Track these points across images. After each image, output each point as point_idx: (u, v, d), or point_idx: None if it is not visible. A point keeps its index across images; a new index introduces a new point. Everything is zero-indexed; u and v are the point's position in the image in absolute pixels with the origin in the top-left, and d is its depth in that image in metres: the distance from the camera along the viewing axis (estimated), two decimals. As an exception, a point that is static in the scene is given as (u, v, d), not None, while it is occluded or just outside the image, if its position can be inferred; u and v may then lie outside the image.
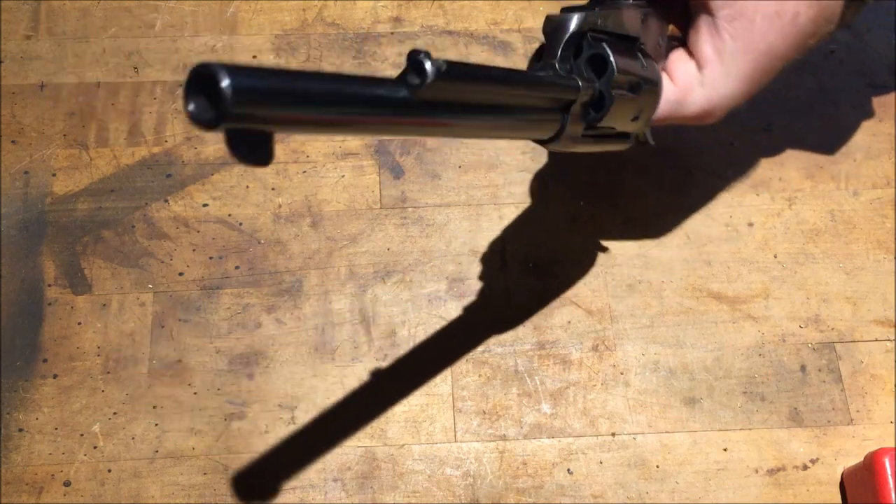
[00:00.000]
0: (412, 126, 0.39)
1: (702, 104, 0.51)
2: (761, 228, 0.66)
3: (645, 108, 0.50)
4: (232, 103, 0.30)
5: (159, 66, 0.69)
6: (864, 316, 0.63)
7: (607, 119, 0.47)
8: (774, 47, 0.49)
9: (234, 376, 0.60)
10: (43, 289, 0.61)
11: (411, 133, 0.41)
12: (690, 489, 0.58)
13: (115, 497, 0.56)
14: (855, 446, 0.59)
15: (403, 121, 0.38)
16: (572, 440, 0.59)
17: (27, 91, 0.67)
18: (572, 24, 0.47)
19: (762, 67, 0.50)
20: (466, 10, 0.72)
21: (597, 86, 0.46)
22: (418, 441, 0.58)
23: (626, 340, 0.62)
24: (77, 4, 0.71)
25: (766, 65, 0.50)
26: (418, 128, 0.40)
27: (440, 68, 0.37)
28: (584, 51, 0.47)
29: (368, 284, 0.63)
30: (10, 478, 0.56)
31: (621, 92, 0.47)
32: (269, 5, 0.72)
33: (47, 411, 0.58)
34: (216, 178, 0.65)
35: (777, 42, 0.49)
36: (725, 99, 0.51)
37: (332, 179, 0.66)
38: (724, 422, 0.60)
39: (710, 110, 0.51)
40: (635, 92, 0.48)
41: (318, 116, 0.34)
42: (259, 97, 0.31)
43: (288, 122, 0.33)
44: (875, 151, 0.69)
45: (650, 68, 0.49)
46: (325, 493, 0.57)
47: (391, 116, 0.38)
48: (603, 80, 0.46)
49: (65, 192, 0.64)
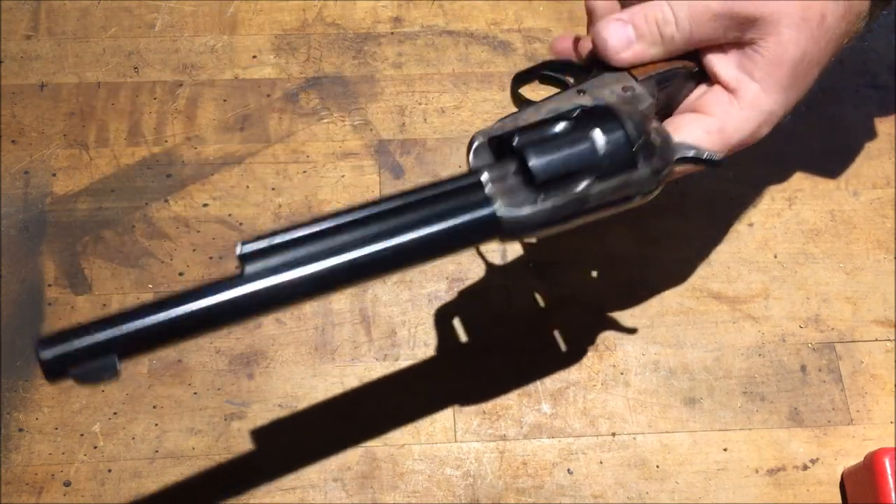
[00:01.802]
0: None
1: (745, 126, 0.49)
2: (761, 228, 0.66)
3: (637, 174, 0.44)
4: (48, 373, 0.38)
5: (159, 66, 0.69)
6: (864, 316, 0.63)
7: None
8: (808, 53, 0.48)
9: (234, 376, 0.60)
10: (43, 289, 0.61)
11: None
12: (690, 489, 0.58)
13: (115, 497, 0.56)
14: (855, 446, 0.59)
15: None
16: (572, 440, 0.59)
17: (27, 91, 0.67)
18: (476, 142, 0.45)
19: (799, 75, 0.48)
20: (466, 10, 0.72)
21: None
22: (418, 441, 0.59)
23: (626, 340, 0.62)
24: (77, 4, 0.71)
25: (802, 72, 0.48)
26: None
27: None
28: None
29: (368, 284, 0.63)
30: (10, 478, 0.56)
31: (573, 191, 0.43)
32: (269, 5, 0.72)
33: (47, 411, 0.58)
34: (216, 178, 0.65)
35: (809, 47, 0.48)
36: (768, 115, 0.49)
37: (332, 179, 0.66)
38: (724, 422, 0.60)
39: (756, 130, 0.49)
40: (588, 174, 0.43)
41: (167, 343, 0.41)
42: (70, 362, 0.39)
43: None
44: (875, 151, 0.69)
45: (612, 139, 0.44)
46: (325, 493, 0.57)
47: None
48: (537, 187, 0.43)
49: (65, 192, 0.64)
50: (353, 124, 0.68)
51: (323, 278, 0.40)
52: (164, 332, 0.40)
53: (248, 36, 0.71)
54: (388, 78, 0.70)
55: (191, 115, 0.67)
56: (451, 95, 0.69)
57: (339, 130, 0.68)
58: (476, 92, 0.69)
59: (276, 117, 0.68)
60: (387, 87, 0.69)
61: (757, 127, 0.49)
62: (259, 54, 0.70)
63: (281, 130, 0.67)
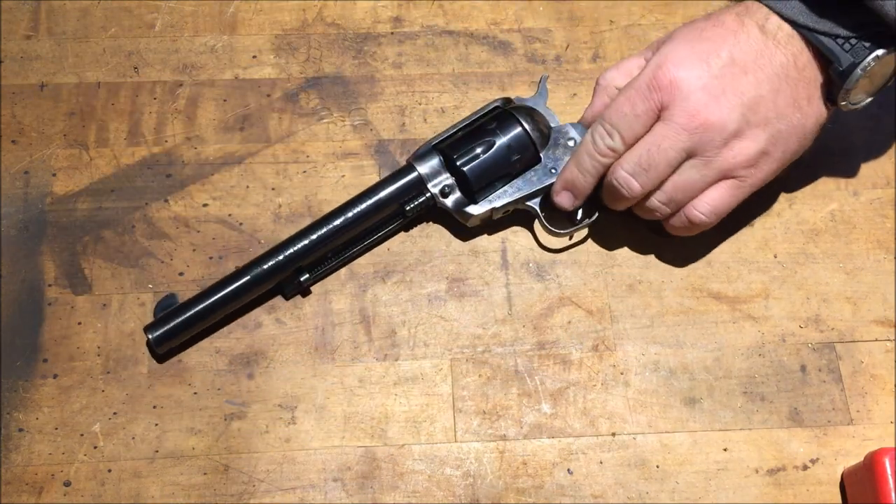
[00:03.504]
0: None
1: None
2: (761, 228, 0.66)
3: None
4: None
5: (159, 66, 0.69)
6: (864, 316, 0.63)
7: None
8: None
9: (234, 376, 0.60)
10: (43, 289, 0.61)
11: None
12: (690, 489, 0.58)
13: (115, 497, 0.56)
14: (855, 446, 0.59)
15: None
16: (572, 440, 0.59)
17: (27, 91, 0.67)
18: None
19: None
20: (466, 10, 0.72)
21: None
22: (418, 441, 0.58)
23: (626, 340, 0.62)
24: (77, 4, 0.71)
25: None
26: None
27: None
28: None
29: (368, 284, 0.63)
30: (10, 478, 0.56)
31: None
32: (269, 5, 0.72)
33: (47, 411, 0.58)
34: (216, 178, 0.65)
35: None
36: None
37: (332, 179, 0.66)
38: (724, 422, 0.60)
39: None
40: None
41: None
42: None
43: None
44: (875, 151, 0.69)
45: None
46: (325, 493, 0.57)
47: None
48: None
49: (65, 192, 0.64)
50: (353, 124, 0.68)
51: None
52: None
53: (248, 36, 0.71)
54: (388, 78, 0.70)
55: (191, 115, 0.67)
56: (451, 95, 0.69)
57: (339, 130, 0.68)
58: (476, 92, 0.69)
59: (276, 117, 0.68)
60: (387, 87, 0.69)
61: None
62: (259, 54, 0.70)
63: (281, 130, 0.67)
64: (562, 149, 0.62)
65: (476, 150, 0.61)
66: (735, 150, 0.55)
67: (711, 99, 0.54)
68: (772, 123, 0.55)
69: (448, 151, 0.61)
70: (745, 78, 0.54)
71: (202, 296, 0.59)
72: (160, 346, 0.58)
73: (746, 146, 0.55)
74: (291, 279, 0.60)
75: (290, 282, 0.60)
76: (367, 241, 0.63)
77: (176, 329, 0.58)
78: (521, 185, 0.62)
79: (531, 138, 0.61)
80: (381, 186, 0.61)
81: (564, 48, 0.71)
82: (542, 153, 0.62)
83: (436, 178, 0.62)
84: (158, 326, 0.58)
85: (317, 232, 0.60)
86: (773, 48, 0.55)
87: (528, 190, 0.62)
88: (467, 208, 0.62)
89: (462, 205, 0.62)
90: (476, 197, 0.61)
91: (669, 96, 0.55)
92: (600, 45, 0.71)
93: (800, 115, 0.56)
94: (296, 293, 0.62)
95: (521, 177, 0.62)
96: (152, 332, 0.58)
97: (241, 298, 0.59)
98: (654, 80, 0.55)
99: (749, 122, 0.55)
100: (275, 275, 0.59)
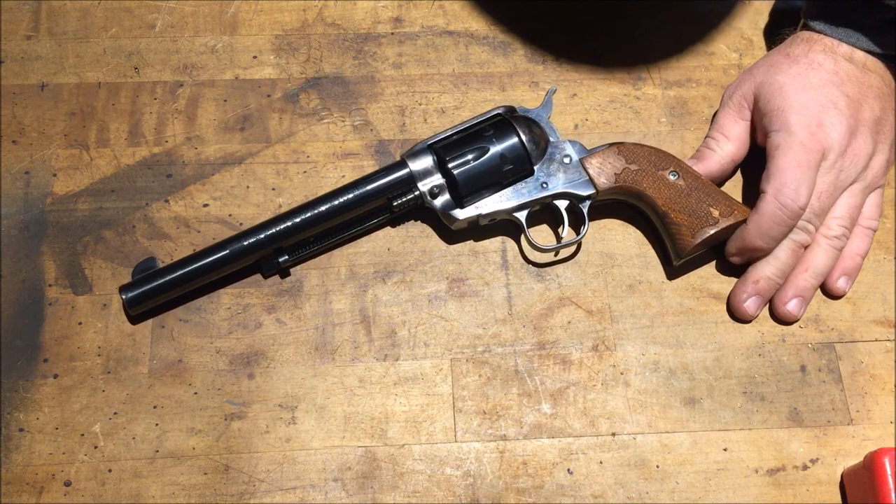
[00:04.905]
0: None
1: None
2: (761, 228, 0.66)
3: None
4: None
5: (159, 66, 0.69)
6: (864, 316, 0.63)
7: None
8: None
9: (235, 376, 0.60)
10: (43, 289, 0.61)
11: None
12: (690, 489, 0.58)
13: (115, 497, 0.56)
14: (855, 446, 0.59)
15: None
16: (572, 440, 0.59)
17: (28, 91, 0.68)
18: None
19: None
20: (467, 11, 0.72)
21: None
22: (418, 441, 0.59)
23: (626, 340, 0.62)
24: (77, 5, 0.71)
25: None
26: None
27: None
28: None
29: (368, 284, 0.63)
30: (10, 477, 0.56)
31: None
32: (269, 5, 0.72)
33: (48, 411, 0.58)
34: (216, 178, 0.65)
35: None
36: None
37: (332, 179, 0.66)
38: (724, 422, 0.60)
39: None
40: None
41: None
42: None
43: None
44: (875, 151, 0.69)
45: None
46: (325, 493, 0.57)
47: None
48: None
49: (65, 192, 0.64)
50: (354, 124, 0.68)
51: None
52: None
53: (248, 36, 0.71)
54: (389, 78, 0.70)
55: (191, 115, 0.67)
56: (452, 95, 0.69)
57: (340, 130, 0.68)
58: (476, 92, 0.69)
59: (276, 117, 0.68)
60: (387, 88, 0.69)
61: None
62: (259, 54, 0.70)
63: (281, 130, 0.67)
64: (556, 164, 0.62)
65: (468, 156, 0.61)
66: (876, 168, 0.63)
67: (853, 138, 0.61)
68: (886, 133, 0.63)
69: (442, 153, 0.61)
70: (863, 108, 0.61)
71: (180, 263, 0.60)
72: (133, 307, 0.59)
73: (879, 161, 0.63)
74: (270, 259, 0.61)
75: (269, 262, 0.61)
76: (351, 231, 0.63)
77: (151, 292, 0.59)
78: (511, 196, 0.62)
79: (526, 150, 0.61)
80: (370, 178, 0.62)
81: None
82: (535, 166, 0.62)
83: (427, 177, 0.62)
84: (134, 288, 0.59)
85: (301, 215, 0.60)
86: (868, 75, 0.62)
87: (517, 201, 0.62)
88: (453, 211, 0.62)
89: (449, 207, 0.62)
90: (463, 202, 0.61)
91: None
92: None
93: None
94: (273, 273, 0.62)
95: (512, 187, 0.62)
96: (127, 292, 0.59)
97: (219, 271, 0.60)
98: (815, 144, 0.60)
99: (876, 140, 0.62)
100: (254, 251, 0.60)
